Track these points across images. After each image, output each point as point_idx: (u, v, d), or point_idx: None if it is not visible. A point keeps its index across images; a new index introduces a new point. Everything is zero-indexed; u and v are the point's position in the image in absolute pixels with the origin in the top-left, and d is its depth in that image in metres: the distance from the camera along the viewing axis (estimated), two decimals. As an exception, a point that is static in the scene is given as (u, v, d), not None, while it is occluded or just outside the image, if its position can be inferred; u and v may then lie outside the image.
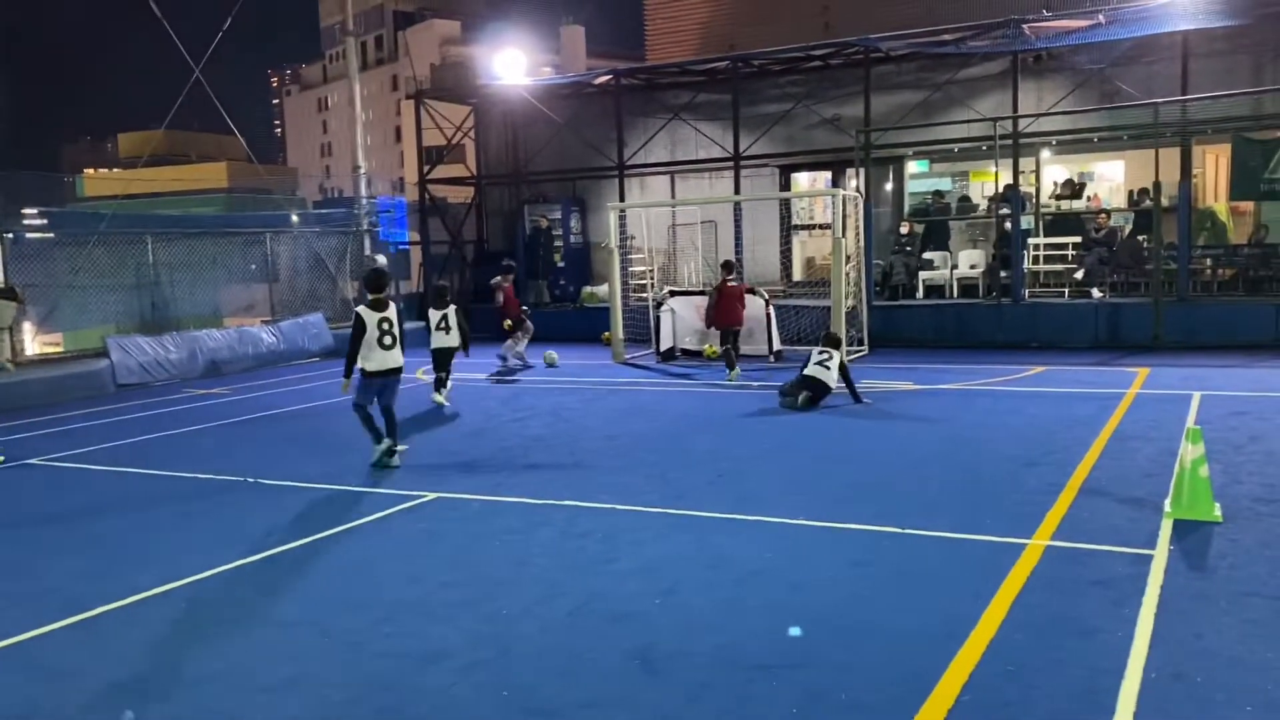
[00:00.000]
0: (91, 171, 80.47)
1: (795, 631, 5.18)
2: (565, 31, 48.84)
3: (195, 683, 4.88)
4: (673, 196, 22.98)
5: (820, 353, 12.19)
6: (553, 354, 17.18)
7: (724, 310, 14.53)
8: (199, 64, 20.00)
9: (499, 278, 17.32)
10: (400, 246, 27.56)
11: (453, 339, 13.40)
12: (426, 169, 24.51)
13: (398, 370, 9.55)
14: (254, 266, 21.44)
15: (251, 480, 9.23)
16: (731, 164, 21.29)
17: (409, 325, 16.51)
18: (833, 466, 9.06)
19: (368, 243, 22.66)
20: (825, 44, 20.42)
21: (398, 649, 5.19)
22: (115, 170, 78.71)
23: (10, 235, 16.03)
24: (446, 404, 13.16)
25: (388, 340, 9.34)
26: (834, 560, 6.35)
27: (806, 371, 12.00)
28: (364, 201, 22.58)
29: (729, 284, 14.55)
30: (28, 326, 16.79)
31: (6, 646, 5.43)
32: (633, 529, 7.26)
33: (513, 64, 25.28)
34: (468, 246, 25.48)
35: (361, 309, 9.36)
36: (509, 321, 17.10)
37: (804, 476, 8.70)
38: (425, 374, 15.68)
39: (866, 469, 8.87)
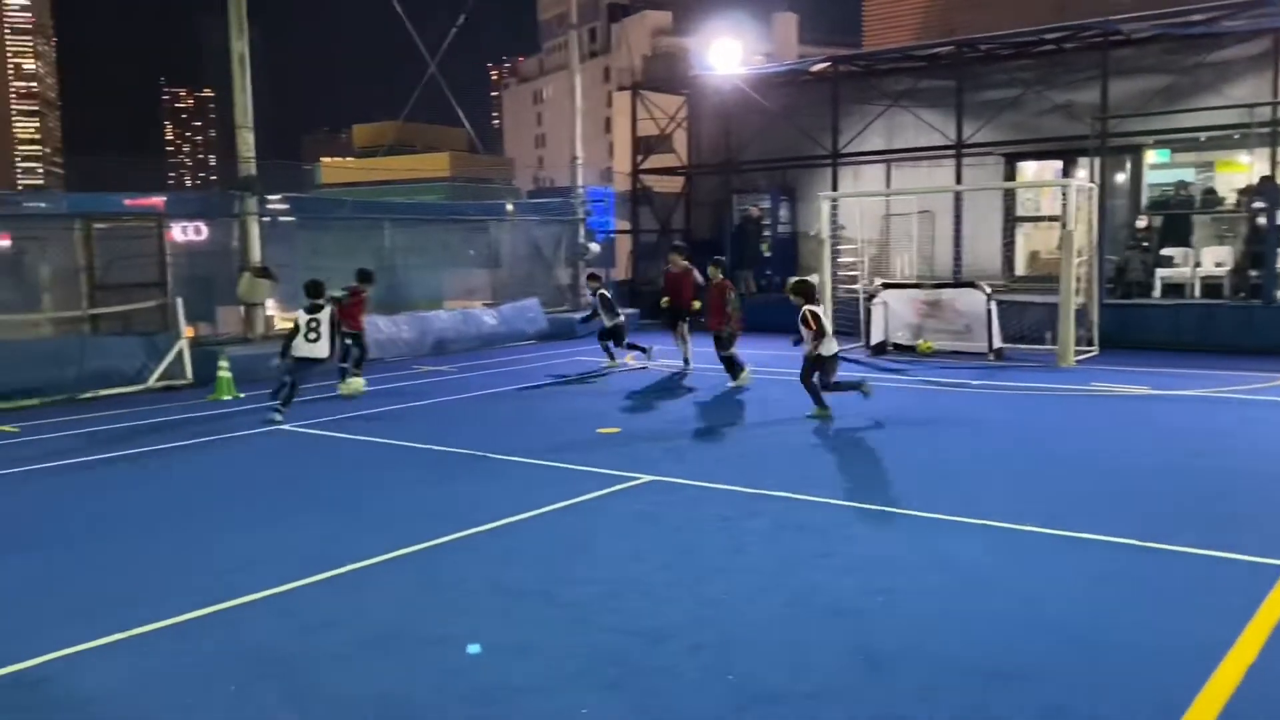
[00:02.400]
0: (328, 160, 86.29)
1: (1028, 641, 4.98)
2: (777, 19, 48.51)
3: (434, 642, 5.19)
4: (888, 185, 22.42)
5: None
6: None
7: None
8: (434, 60, 21.10)
9: (675, 256, 15.72)
10: (608, 235, 28.26)
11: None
12: (640, 159, 24.93)
13: (317, 360, 12.11)
14: (472, 252, 22.50)
15: (481, 454, 9.70)
16: (953, 152, 20.55)
17: (626, 311, 16.93)
18: (1060, 471, 8.62)
19: (580, 231, 23.32)
20: (1060, 27, 19.34)
21: (624, 625, 5.33)
22: (349, 159, 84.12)
23: (267, 219, 17.43)
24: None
25: (312, 335, 11.93)
26: (1069, 571, 6.04)
27: None
28: (579, 191, 23.23)
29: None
30: (270, 304, 18.19)
31: (267, 596, 5.94)
32: (846, 524, 7.17)
33: (726, 53, 25.32)
34: (674, 235, 25.79)
35: (299, 311, 12.08)
36: (666, 299, 15.49)
37: (1030, 481, 8.33)
38: (632, 359, 16.05)
39: (1099, 476, 8.39)
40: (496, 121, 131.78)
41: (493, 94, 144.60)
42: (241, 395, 13.79)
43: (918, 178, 22.12)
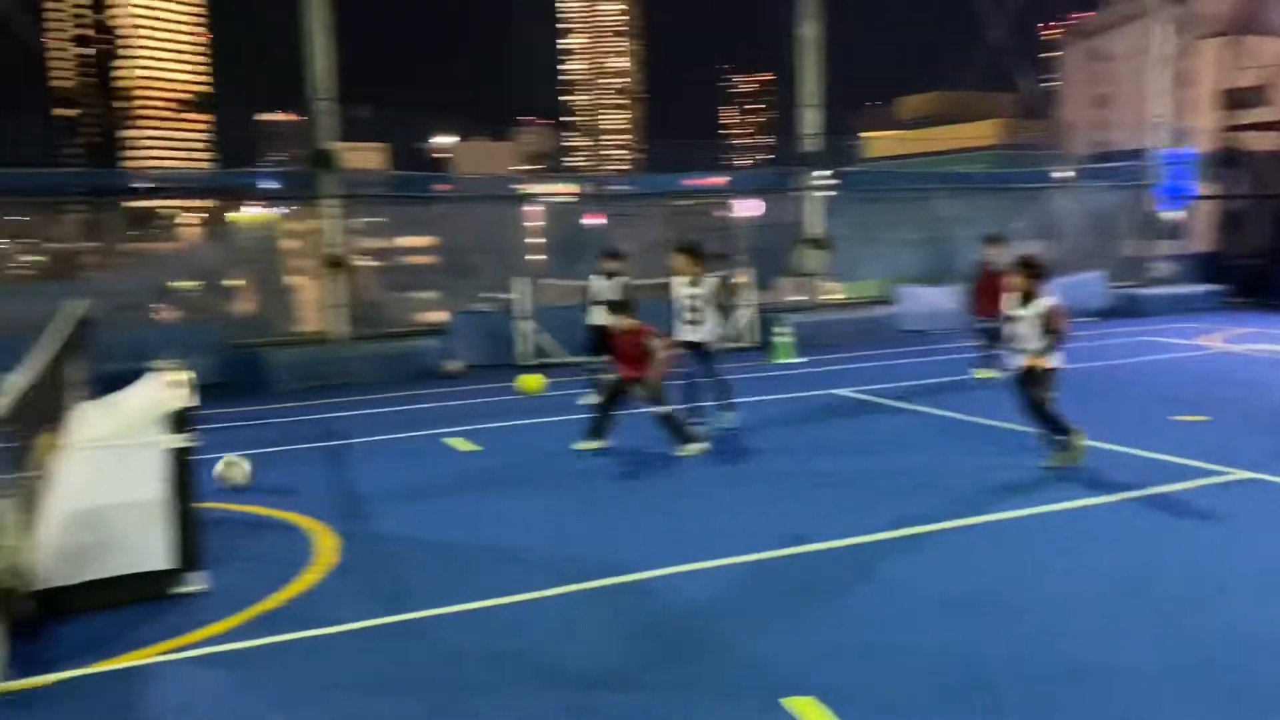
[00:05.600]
0: (871, 134, 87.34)
1: None
2: None
3: (1015, 612, 5.15)
4: None
5: None
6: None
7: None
8: (989, 24, 20.40)
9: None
10: (1186, 201, 25.23)
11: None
12: (1230, 114, 21.90)
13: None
14: (1020, 224, 21.43)
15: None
16: None
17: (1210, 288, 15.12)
18: None
19: (1150, 198, 21.15)
20: None
21: (1212, 627, 4.87)
22: (894, 132, 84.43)
23: (826, 193, 18.23)
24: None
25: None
26: None
27: None
28: (1154, 153, 21.05)
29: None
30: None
31: (843, 546, 6.31)
32: None
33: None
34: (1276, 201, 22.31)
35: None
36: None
37: None
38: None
39: None
40: (1049, 84, 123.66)
41: (1041, 56, 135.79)
42: (802, 359, 14.68)
43: None
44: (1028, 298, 7.95)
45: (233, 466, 8.30)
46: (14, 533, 5.68)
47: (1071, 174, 23.57)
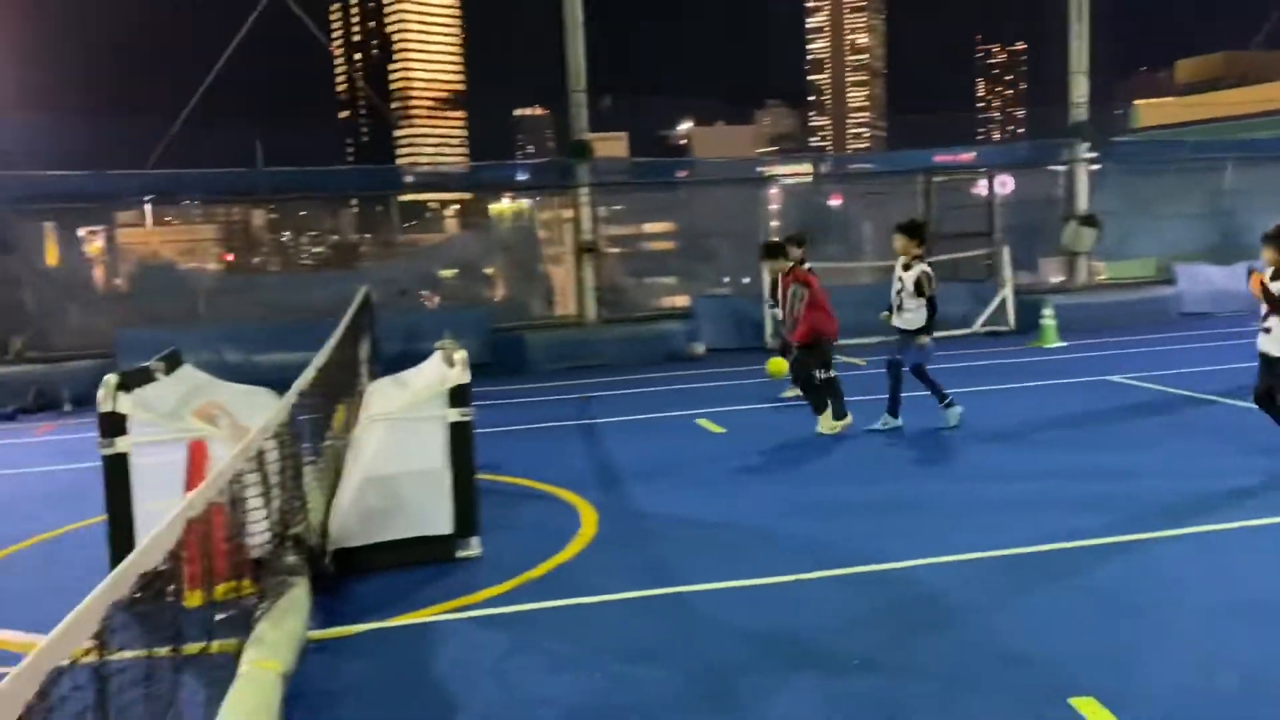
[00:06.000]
0: (1144, 101, 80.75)
1: None
2: None
3: (1323, 623, 4.66)
4: None
5: None
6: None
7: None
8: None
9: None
10: None
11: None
12: None
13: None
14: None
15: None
16: None
17: None
18: None
19: None
20: None
21: None
22: (1169, 99, 77.73)
23: (1096, 167, 17.05)
24: None
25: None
26: None
27: None
28: None
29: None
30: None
31: (1118, 542, 5.90)
32: None
33: None
34: None
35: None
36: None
37: None
38: None
39: None
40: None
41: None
42: (1064, 344, 13.82)
43: None
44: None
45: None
46: (318, 496, 6.29)
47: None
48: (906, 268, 9.08)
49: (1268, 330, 7.16)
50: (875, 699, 4.16)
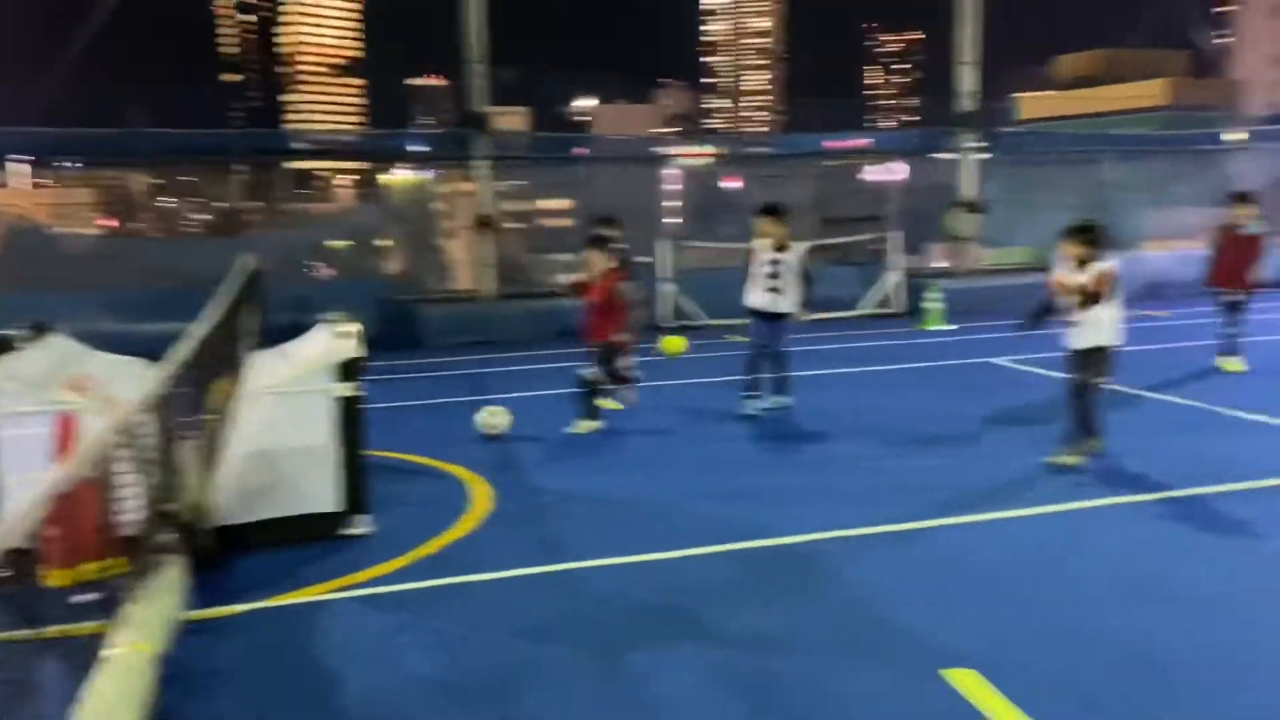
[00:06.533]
0: (1026, 95, 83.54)
1: None
2: None
3: (1181, 598, 4.91)
4: None
5: None
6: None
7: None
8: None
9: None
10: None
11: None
12: None
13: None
14: (1185, 188, 20.13)
15: (1207, 408, 8.84)
16: None
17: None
18: None
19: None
20: None
21: None
22: (1051, 93, 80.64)
23: (988, 156, 17.55)
24: None
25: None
26: None
27: None
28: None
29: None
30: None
31: (996, 519, 6.12)
32: None
33: None
34: None
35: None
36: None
37: None
38: None
39: None
40: (1223, 40, 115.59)
41: (1215, 10, 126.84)
42: (953, 326, 14.26)
43: None
44: (1083, 263, 7.10)
45: (496, 415, 8.57)
46: (196, 471, 6.05)
47: (1244, 136, 22.06)
48: (781, 249, 9.06)
49: (1075, 324, 7.19)
50: (755, 671, 4.23)
